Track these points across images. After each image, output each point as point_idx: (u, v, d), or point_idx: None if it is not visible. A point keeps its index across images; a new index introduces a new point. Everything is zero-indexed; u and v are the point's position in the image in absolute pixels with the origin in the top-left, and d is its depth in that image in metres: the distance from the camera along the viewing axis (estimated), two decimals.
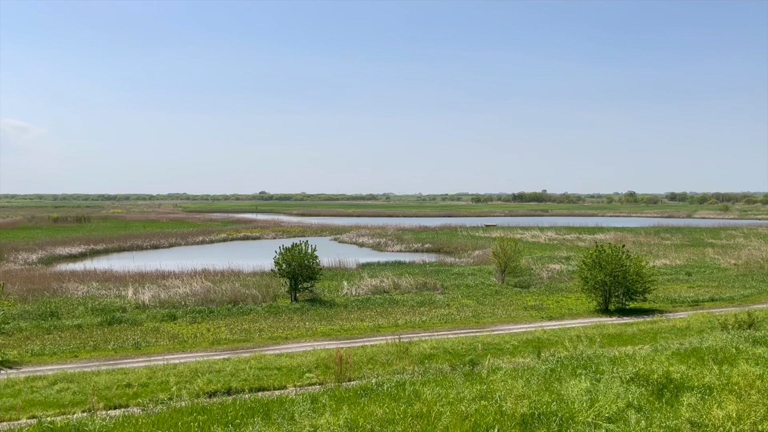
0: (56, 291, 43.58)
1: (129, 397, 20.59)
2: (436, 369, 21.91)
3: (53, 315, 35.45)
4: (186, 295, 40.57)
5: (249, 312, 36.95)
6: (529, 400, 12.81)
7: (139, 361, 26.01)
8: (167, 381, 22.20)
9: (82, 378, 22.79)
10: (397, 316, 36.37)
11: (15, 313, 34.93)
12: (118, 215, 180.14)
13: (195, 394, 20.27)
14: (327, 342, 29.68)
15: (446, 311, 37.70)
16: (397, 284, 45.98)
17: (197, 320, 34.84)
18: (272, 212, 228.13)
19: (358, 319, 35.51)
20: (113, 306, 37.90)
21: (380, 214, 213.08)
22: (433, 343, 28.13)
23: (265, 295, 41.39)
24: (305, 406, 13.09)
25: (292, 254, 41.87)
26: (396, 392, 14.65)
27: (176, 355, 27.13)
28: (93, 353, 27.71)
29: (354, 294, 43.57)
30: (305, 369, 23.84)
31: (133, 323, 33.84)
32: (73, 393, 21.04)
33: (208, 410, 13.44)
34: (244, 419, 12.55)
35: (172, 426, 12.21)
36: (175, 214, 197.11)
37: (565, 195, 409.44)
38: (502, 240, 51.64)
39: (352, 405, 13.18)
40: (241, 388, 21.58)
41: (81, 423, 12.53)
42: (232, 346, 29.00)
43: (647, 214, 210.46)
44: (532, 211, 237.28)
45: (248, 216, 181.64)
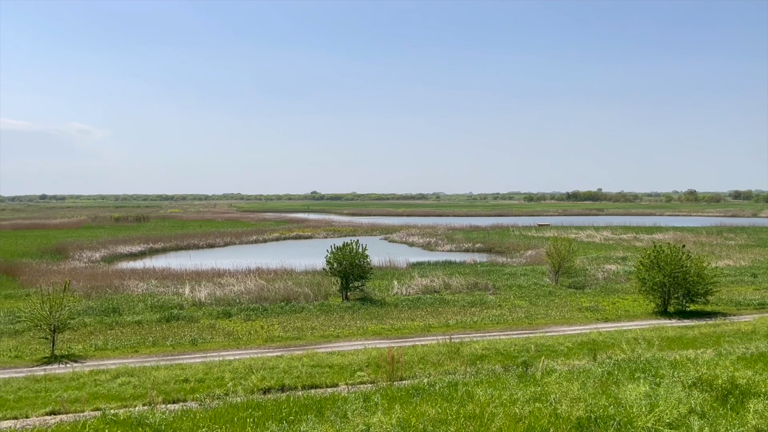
0: (118, 288, 45.21)
1: (186, 392, 21.13)
2: (488, 370, 21.66)
3: (115, 311, 36.80)
4: (240, 293, 41.43)
5: (301, 310, 37.44)
6: (585, 403, 12.51)
7: (196, 357, 26.69)
8: (223, 377, 22.70)
9: (142, 372, 23.54)
10: (448, 316, 36.16)
11: (80, 309, 36.43)
12: (176, 215, 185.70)
13: (249, 390, 20.65)
14: (378, 341, 29.76)
15: (498, 312, 37.25)
16: (447, 284, 45.72)
17: (251, 318, 35.52)
18: (323, 212, 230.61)
19: (409, 318, 35.48)
20: (171, 303, 39.05)
21: (430, 213, 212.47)
22: (484, 343, 27.83)
23: (316, 294, 41.87)
24: (357, 405, 13.16)
25: (343, 253, 42.20)
26: (448, 392, 14.55)
27: (231, 352, 27.72)
28: (152, 349, 28.61)
29: (404, 293, 43.56)
30: (356, 367, 23.97)
31: (190, 320, 34.76)
32: (133, 387, 21.74)
33: (263, 406, 13.67)
34: (298, 416, 12.70)
35: (229, 421, 12.48)
36: (229, 213, 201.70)
37: (622, 194, 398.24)
38: (556, 240, 50.67)
39: (404, 404, 13.17)
40: (294, 385, 21.85)
41: (142, 416, 12.96)
42: (284, 344, 29.44)
43: (709, 213, 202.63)
44: (587, 210, 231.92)
45: (300, 216, 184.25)
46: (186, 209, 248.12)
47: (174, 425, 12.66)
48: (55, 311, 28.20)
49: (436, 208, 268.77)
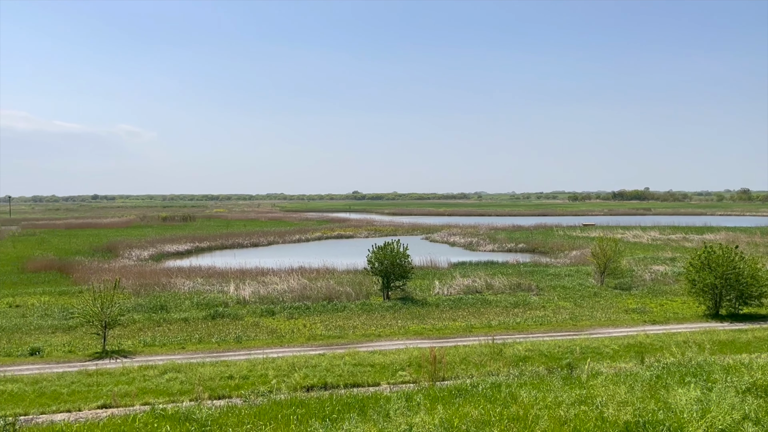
0: (165, 286, 46.36)
1: (231, 388, 21.52)
2: (531, 372, 21.35)
3: (162, 308, 37.75)
4: (284, 292, 41.97)
5: (343, 309, 37.68)
6: (632, 407, 12.20)
7: (240, 355, 27.14)
8: (266, 374, 23.03)
9: (188, 369, 24.08)
10: (490, 316, 35.84)
11: (129, 306, 37.51)
12: (221, 215, 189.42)
13: (293, 387, 20.89)
14: (419, 341, 29.71)
15: (541, 313, 36.73)
16: (489, 284, 45.31)
17: (294, 316, 35.94)
18: (365, 211, 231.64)
19: (450, 318, 35.31)
20: (216, 301, 39.83)
21: (472, 213, 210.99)
22: (528, 345, 27.47)
23: (358, 293, 42.07)
24: (400, 404, 13.14)
25: (384, 253, 42.29)
26: (491, 393, 14.41)
27: (274, 350, 28.09)
28: (198, 345, 29.23)
29: (446, 293, 43.37)
30: (398, 367, 23.98)
31: (234, 318, 35.39)
32: (180, 382, 22.26)
33: (306, 404, 13.80)
34: (341, 414, 12.78)
35: (273, 418, 12.64)
36: (273, 213, 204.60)
37: (670, 193, 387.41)
38: (601, 240, 49.64)
39: (447, 405, 13.09)
40: (336, 384, 22.00)
41: (189, 411, 13.25)
42: (327, 342, 29.67)
43: (763, 212, 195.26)
44: (634, 209, 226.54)
45: (342, 215, 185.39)
46: (231, 209, 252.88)
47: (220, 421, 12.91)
48: (106, 308, 29.09)
49: (478, 207, 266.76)
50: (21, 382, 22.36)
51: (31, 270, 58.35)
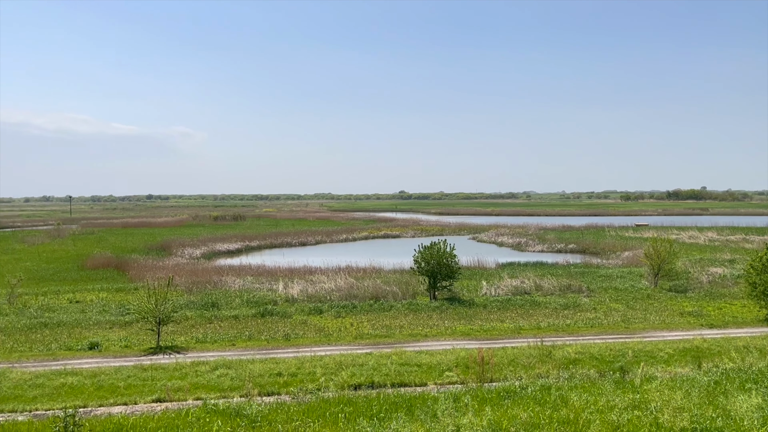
0: (216, 284, 47.41)
1: (280, 385, 21.83)
2: (582, 375, 20.91)
3: (214, 306, 38.62)
4: (331, 291, 42.33)
5: (390, 308, 37.73)
6: (689, 413, 11.80)
7: (289, 352, 27.50)
8: (314, 372, 23.27)
9: (239, 365, 24.55)
10: (539, 318, 35.27)
11: (182, 303, 38.51)
12: (270, 214, 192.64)
13: (340, 385, 21.05)
14: (466, 341, 29.49)
15: (592, 315, 35.93)
16: (538, 285, 44.61)
17: (341, 315, 36.21)
18: (411, 211, 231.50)
19: (498, 319, 34.91)
20: (266, 299, 40.48)
21: (520, 212, 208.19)
22: (578, 347, 26.92)
23: (404, 293, 42.06)
24: (447, 405, 13.07)
25: (430, 253, 42.14)
26: (541, 396, 14.17)
27: (322, 348, 28.36)
28: (248, 342, 29.77)
29: (493, 294, 42.91)
30: (445, 367, 23.86)
31: (283, 316, 35.90)
32: (231, 379, 22.71)
33: (354, 402, 13.87)
34: (388, 413, 12.79)
35: (321, 416, 12.76)
36: (320, 213, 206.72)
37: (729, 192, 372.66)
38: (655, 240, 48.20)
39: (495, 406, 12.94)
40: (383, 383, 22.05)
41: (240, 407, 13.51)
42: (373, 341, 29.77)
43: None
44: (690, 209, 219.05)
45: (388, 215, 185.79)
46: (279, 208, 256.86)
47: (269, 417, 13.10)
48: (160, 305, 29.94)
49: (527, 207, 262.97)
50: (80, 375, 23.24)
51: (90, 267, 60.62)
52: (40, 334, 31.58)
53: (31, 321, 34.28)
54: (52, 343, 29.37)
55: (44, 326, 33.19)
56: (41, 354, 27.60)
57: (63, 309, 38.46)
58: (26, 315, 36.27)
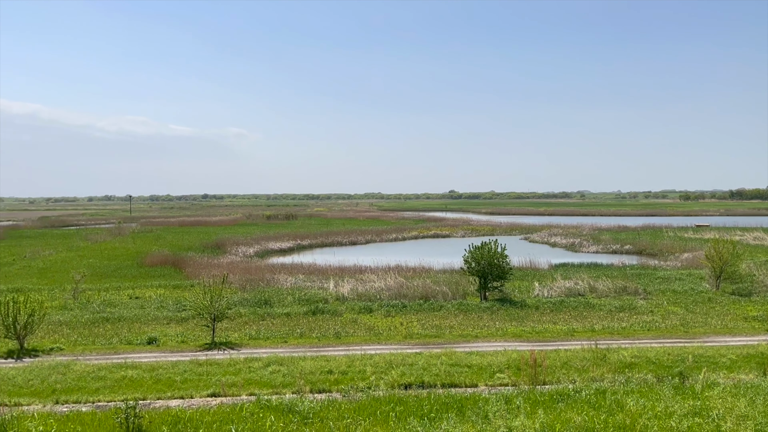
0: (269, 282, 48.23)
1: (331, 382, 22.01)
2: (639, 379, 20.30)
3: (266, 303, 39.31)
4: (381, 290, 42.45)
5: (440, 308, 37.56)
6: (754, 422, 11.30)
7: (339, 350, 27.72)
8: (364, 370, 23.37)
9: (290, 362, 24.89)
10: (593, 320, 34.44)
11: (236, 300, 39.35)
12: (321, 213, 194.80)
13: (390, 384, 21.08)
14: (517, 343, 29.06)
15: (649, 318, 34.84)
16: (593, 287, 43.56)
17: (391, 314, 36.27)
18: (461, 210, 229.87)
19: (551, 321, 34.28)
20: (317, 297, 40.94)
21: (574, 212, 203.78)
22: (634, 351, 26.15)
23: (455, 293, 41.80)
24: (499, 407, 12.92)
25: (481, 253, 41.72)
26: (595, 400, 13.84)
27: (372, 346, 28.46)
28: (299, 340, 30.17)
29: (546, 295, 42.15)
30: (496, 369, 23.58)
31: (333, 314, 36.22)
32: (283, 375, 23.05)
33: (404, 401, 13.88)
34: (439, 413, 12.74)
35: (372, 414, 12.81)
36: (370, 212, 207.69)
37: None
38: (717, 242, 46.33)
39: (548, 409, 12.72)
40: (432, 383, 21.97)
41: (292, 403, 13.71)
42: (423, 341, 29.69)
43: None
44: (755, 209, 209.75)
45: (438, 215, 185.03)
46: (330, 208, 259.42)
47: (321, 414, 13.25)
48: (215, 302, 30.66)
49: (581, 207, 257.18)
50: (140, 369, 24.05)
51: (148, 264, 62.66)
52: (102, 328, 32.85)
53: (94, 316, 35.68)
54: (113, 338, 30.50)
55: (106, 321, 34.50)
56: (103, 347, 28.70)
57: (123, 304, 39.88)
58: (89, 310, 37.79)
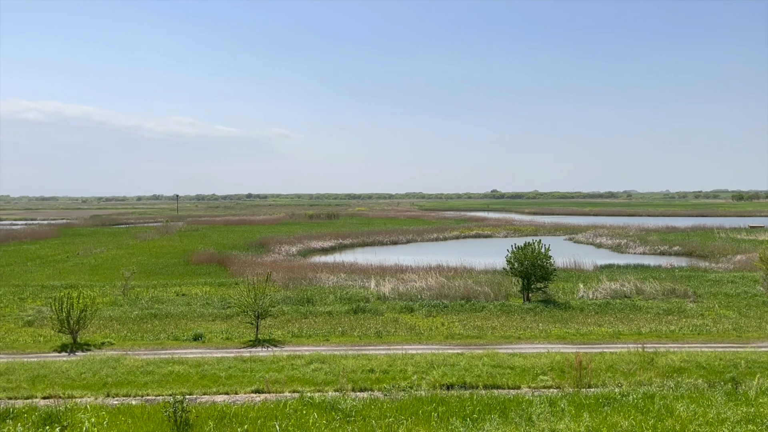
0: (311, 280, 48.71)
1: (372, 381, 22.09)
2: (689, 384, 19.71)
3: (309, 301, 39.72)
4: (422, 290, 42.37)
5: (481, 309, 37.27)
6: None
7: (380, 349, 27.79)
8: (406, 370, 23.38)
9: (332, 360, 25.09)
10: (640, 323, 33.62)
11: (279, 298, 39.87)
12: (362, 213, 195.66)
13: (432, 384, 21.02)
14: (561, 345, 28.61)
15: (699, 321, 33.79)
16: (640, 289, 42.52)
17: (432, 314, 36.17)
18: (503, 210, 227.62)
19: (596, 323, 33.61)
20: (358, 296, 41.15)
21: (620, 213, 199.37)
22: (683, 355, 25.40)
23: (497, 294, 41.40)
24: (543, 409, 12.74)
25: (524, 253, 41.20)
26: (643, 404, 13.49)
27: (413, 346, 28.44)
28: (341, 338, 30.37)
29: (591, 297, 41.34)
30: (539, 371, 23.26)
31: (374, 313, 36.33)
32: (325, 373, 23.25)
33: (447, 402, 13.82)
34: (482, 415, 12.64)
35: (414, 413, 12.81)
36: (411, 212, 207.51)
37: None
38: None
39: (594, 413, 12.46)
40: (474, 384, 21.82)
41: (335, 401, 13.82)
42: (464, 342, 29.52)
43: None
44: None
45: (480, 214, 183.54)
46: (371, 207, 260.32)
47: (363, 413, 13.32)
48: (259, 299, 31.14)
49: (627, 207, 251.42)
50: (186, 365, 24.61)
51: (194, 262, 64.06)
52: (150, 324, 33.75)
53: (143, 312, 36.69)
54: (160, 333, 31.30)
55: (154, 317, 35.43)
56: (151, 343, 29.49)
57: (170, 301, 40.89)
58: (138, 306, 38.88)
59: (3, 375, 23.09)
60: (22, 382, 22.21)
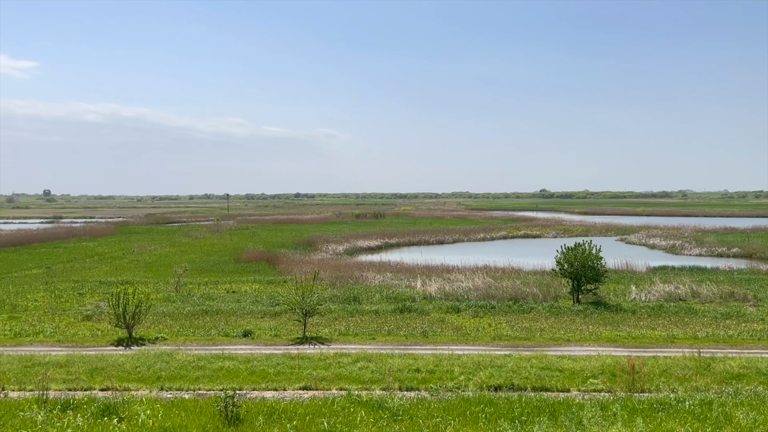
0: (357, 279, 48.97)
1: (418, 381, 22.05)
2: (749, 391, 18.93)
3: (355, 300, 39.94)
4: (468, 290, 42.05)
5: (529, 310, 36.74)
6: None
7: (426, 349, 27.71)
8: (452, 370, 23.25)
9: (378, 359, 25.16)
10: (696, 327, 32.52)
11: (326, 297, 40.25)
12: (408, 212, 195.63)
13: (479, 385, 20.84)
14: (612, 348, 27.93)
15: (760, 326, 32.44)
16: (695, 292, 41.13)
17: (479, 314, 35.86)
18: (553, 210, 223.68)
19: (648, 327, 32.68)
20: (404, 295, 41.14)
21: (675, 213, 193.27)
22: (742, 361, 24.45)
23: (545, 295, 40.73)
24: (594, 413, 12.47)
25: (574, 254, 40.42)
26: (700, 411, 13.05)
27: (459, 347, 28.26)
28: (387, 337, 30.43)
29: (643, 299, 40.22)
30: (589, 374, 22.78)
31: (420, 312, 36.26)
32: (371, 372, 23.33)
33: (495, 403, 13.68)
34: (530, 417, 12.46)
35: (461, 414, 12.73)
36: (457, 211, 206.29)
37: None
38: None
39: (647, 419, 12.12)
40: (522, 386, 21.53)
41: (382, 399, 13.87)
42: (512, 343, 29.16)
43: None
44: None
45: (528, 214, 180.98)
46: (417, 207, 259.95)
47: (410, 412, 13.32)
48: (307, 297, 31.50)
49: (683, 207, 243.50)
50: (236, 360, 25.12)
51: (244, 260, 65.30)
52: (201, 320, 34.58)
53: (194, 308, 37.62)
54: (211, 329, 32.02)
55: (205, 313, 36.28)
56: (202, 339, 30.21)
57: (221, 298, 41.80)
58: (190, 302, 39.89)
59: (63, 367, 24.06)
60: (81, 374, 23.09)
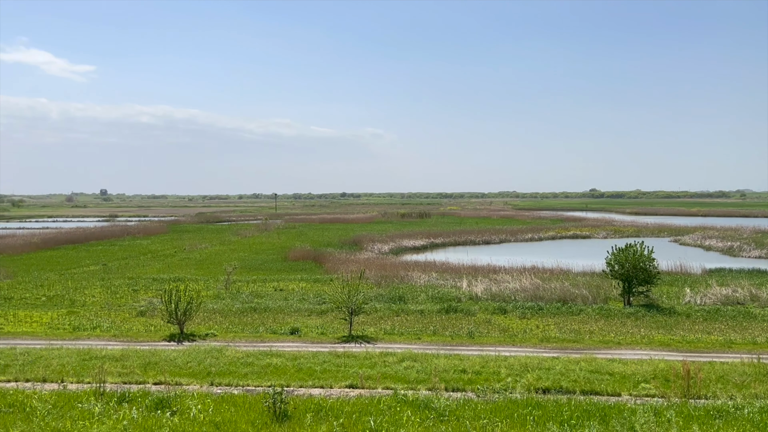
0: (403, 278, 48.99)
1: (464, 382, 21.89)
2: None
3: (401, 299, 39.97)
4: (515, 291, 41.53)
5: (578, 312, 36.03)
6: None
7: (472, 350, 27.50)
8: (498, 372, 23.00)
9: (424, 359, 25.10)
10: (755, 332, 31.25)
11: (372, 296, 40.40)
12: (454, 212, 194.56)
13: (526, 387, 20.56)
14: (665, 353, 27.11)
15: None
16: (755, 295, 39.54)
17: (526, 316, 35.36)
18: (603, 210, 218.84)
19: (704, 331, 31.58)
20: (449, 296, 40.94)
21: (732, 213, 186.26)
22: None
23: (595, 297, 39.86)
24: (647, 418, 12.13)
25: (625, 255, 39.42)
26: (760, 419, 12.55)
27: (506, 348, 27.93)
28: (433, 337, 30.34)
29: (698, 303, 38.91)
30: (640, 378, 22.17)
31: (466, 313, 36.01)
32: (417, 371, 23.29)
33: (543, 406, 13.47)
34: (580, 420, 12.22)
35: (509, 416, 12.59)
36: (504, 211, 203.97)
37: None
38: None
39: (704, 425, 11.73)
40: (571, 389, 21.12)
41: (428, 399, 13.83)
42: (560, 345, 28.65)
43: None
44: None
45: (577, 214, 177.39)
46: (463, 206, 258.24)
47: (457, 413, 13.25)
48: (353, 296, 31.69)
49: (741, 207, 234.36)
50: (283, 357, 25.47)
51: (291, 259, 66.22)
52: (250, 317, 35.21)
53: (243, 305, 38.35)
54: (259, 327, 32.57)
55: (253, 311, 36.93)
56: (251, 335, 30.76)
57: (269, 296, 42.47)
58: (239, 300, 40.68)
59: (119, 361, 24.89)
60: (135, 368, 23.84)
